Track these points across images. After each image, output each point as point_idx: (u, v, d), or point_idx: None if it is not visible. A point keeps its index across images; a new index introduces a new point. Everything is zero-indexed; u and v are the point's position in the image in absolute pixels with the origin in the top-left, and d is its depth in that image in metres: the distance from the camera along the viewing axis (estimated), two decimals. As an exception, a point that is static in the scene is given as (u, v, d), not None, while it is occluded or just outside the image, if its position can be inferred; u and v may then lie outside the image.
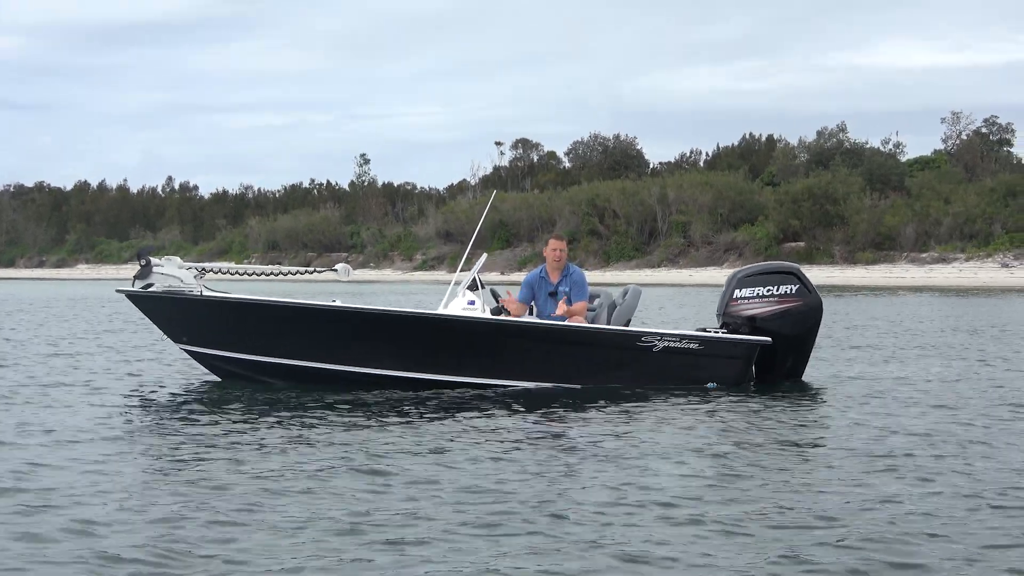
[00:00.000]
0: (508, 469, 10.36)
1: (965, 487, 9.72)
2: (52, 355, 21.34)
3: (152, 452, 11.29)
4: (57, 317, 35.70)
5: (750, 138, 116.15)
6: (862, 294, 56.73)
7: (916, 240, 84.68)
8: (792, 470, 10.43)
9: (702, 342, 15.96)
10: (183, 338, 16.39)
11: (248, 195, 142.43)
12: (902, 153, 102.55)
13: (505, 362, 15.75)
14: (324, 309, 15.71)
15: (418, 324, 15.71)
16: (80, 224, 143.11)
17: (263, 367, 16.03)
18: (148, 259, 15.97)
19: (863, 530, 8.29)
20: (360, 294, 55.02)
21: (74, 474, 10.12)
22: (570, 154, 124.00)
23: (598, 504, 9.04)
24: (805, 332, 16.42)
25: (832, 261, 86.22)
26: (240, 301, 15.79)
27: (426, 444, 11.60)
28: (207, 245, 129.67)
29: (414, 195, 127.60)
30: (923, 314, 36.96)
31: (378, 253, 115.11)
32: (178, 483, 9.79)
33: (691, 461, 10.81)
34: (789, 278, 16.35)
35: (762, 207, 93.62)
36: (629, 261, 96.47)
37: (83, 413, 13.75)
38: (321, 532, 8.17)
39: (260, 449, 11.31)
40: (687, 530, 8.30)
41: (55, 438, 11.93)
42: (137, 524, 8.37)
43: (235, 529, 8.27)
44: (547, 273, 16.45)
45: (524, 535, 8.16)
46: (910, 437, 12.07)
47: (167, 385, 16.65)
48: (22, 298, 54.64)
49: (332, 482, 9.77)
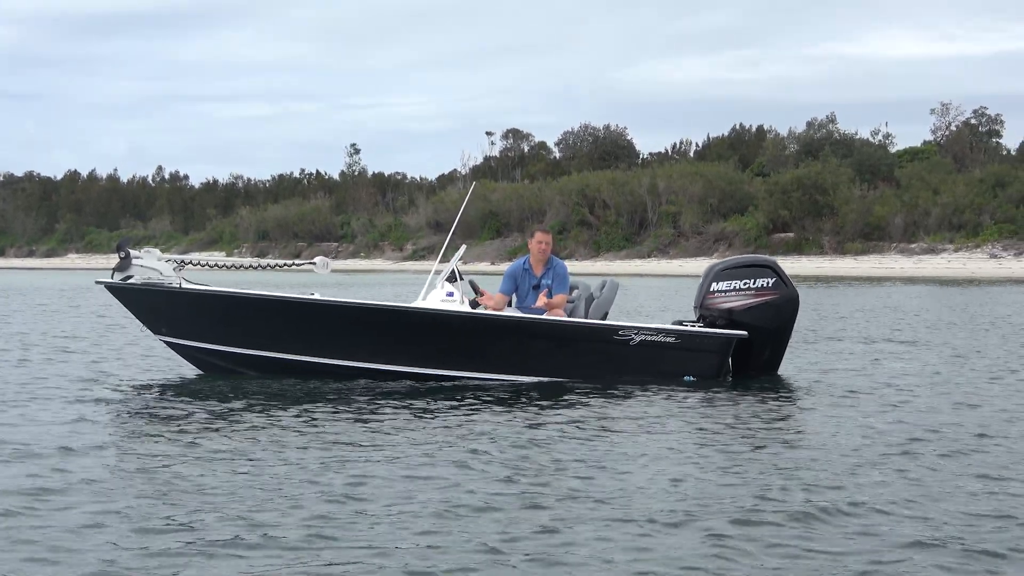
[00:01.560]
0: (480, 463, 10.37)
1: (940, 478, 9.77)
2: (32, 344, 21.36)
3: (127, 442, 11.31)
4: (42, 307, 35.69)
5: (740, 129, 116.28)
6: (851, 284, 56.79)
7: (905, 231, 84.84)
8: (765, 463, 10.45)
9: (679, 336, 15.99)
10: (162, 330, 16.42)
11: (238, 185, 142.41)
12: (891, 144, 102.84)
13: (481, 355, 15.79)
14: (301, 302, 15.75)
15: (395, 317, 15.75)
16: (70, 214, 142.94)
17: (241, 359, 16.07)
18: (127, 251, 16.00)
19: (833, 523, 8.36)
20: (340, 285, 54.97)
21: (48, 469, 10.13)
22: (560, 144, 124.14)
23: (572, 501, 9.03)
24: (782, 325, 16.45)
25: (821, 251, 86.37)
26: (217, 293, 15.84)
27: (398, 437, 11.62)
28: (198, 235, 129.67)
29: (404, 185, 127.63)
30: (908, 305, 37.02)
31: (368, 243, 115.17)
32: (153, 480, 9.81)
33: (666, 456, 10.82)
34: (766, 271, 16.38)
35: (752, 197, 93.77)
36: (619, 251, 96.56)
37: (57, 405, 13.79)
38: (303, 529, 8.16)
39: (231, 439, 11.35)
40: (663, 527, 8.30)
41: (28, 430, 11.97)
42: (112, 525, 8.35)
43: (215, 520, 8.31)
44: (531, 265, 16.49)
45: (495, 532, 8.16)
46: (883, 429, 12.13)
47: (145, 376, 16.67)
48: (9, 286, 54.56)
49: (314, 479, 9.77)
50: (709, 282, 16.40)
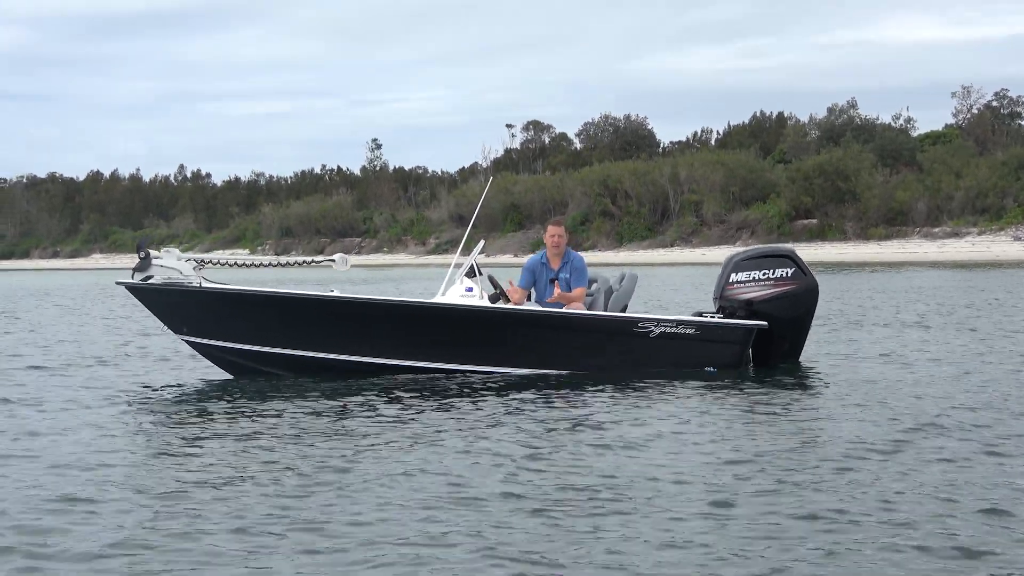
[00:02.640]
0: (502, 457, 10.41)
1: (955, 466, 9.75)
2: (57, 343, 21.45)
3: (152, 440, 11.38)
4: (65, 308, 35.84)
5: (761, 116, 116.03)
6: (875, 270, 56.63)
7: (928, 215, 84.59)
8: (787, 453, 10.45)
9: (698, 327, 15.98)
10: (183, 329, 16.45)
11: (260, 182, 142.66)
12: (913, 128, 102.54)
13: (502, 349, 15.80)
14: (320, 299, 15.76)
15: (416, 312, 15.77)
16: (93, 214, 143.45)
17: (262, 357, 16.09)
18: (147, 251, 16.04)
19: (853, 512, 8.34)
20: (367, 282, 54.99)
21: (74, 469, 10.20)
22: (581, 135, 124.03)
23: (595, 491, 9.07)
24: (801, 315, 16.44)
25: (844, 238, 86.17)
26: (237, 292, 15.87)
27: (422, 433, 11.67)
28: (220, 233, 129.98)
29: (426, 179, 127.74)
30: (930, 289, 36.83)
31: (391, 238, 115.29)
32: (173, 479, 9.86)
33: (689, 448, 10.82)
34: (785, 261, 16.37)
35: (774, 185, 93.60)
36: (642, 241, 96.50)
37: (80, 402, 13.89)
38: (335, 530, 8.17)
39: (251, 439, 11.39)
40: (689, 517, 8.32)
41: (55, 427, 12.10)
42: (142, 523, 8.40)
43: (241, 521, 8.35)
44: (548, 259, 16.50)
45: (521, 523, 8.21)
46: (903, 417, 12.07)
47: (167, 377, 16.74)
48: (35, 288, 54.79)
49: (340, 475, 9.81)
50: (728, 273, 16.39)
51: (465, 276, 16.06)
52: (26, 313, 34.21)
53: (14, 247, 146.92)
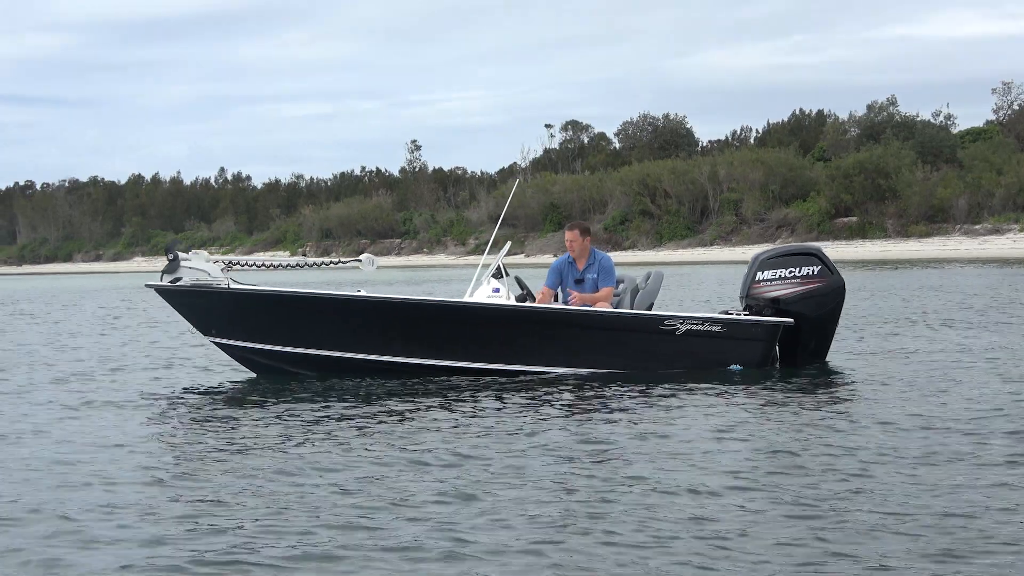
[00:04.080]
0: (533, 455, 10.46)
1: (974, 467, 9.70)
2: (85, 346, 21.62)
3: (174, 444, 11.46)
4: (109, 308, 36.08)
5: (800, 114, 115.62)
6: (916, 267, 56.32)
7: (969, 212, 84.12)
8: (806, 450, 10.44)
9: (724, 324, 15.96)
10: (212, 330, 16.53)
11: (300, 184, 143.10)
12: (953, 125, 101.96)
13: (530, 348, 15.83)
14: (348, 299, 15.82)
15: (443, 312, 15.82)
16: (135, 217, 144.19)
17: (289, 357, 16.16)
18: (175, 253, 16.12)
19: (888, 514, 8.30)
20: (396, 283, 55.04)
21: (103, 464, 10.37)
22: (620, 135, 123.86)
23: (627, 491, 9.09)
24: (828, 313, 16.37)
25: (885, 235, 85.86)
26: (265, 293, 15.94)
27: (451, 431, 11.76)
28: (261, 235, 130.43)
29: (465, 180, 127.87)
30: (968, 286, 36.56)
31: (431, 239, 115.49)
32: (208, 474, 9.92)
33: (717, 447, 10.80)
34: (811, 259, 16.31)
35: (814, 183, 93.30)
36: (681, 240, 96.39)
37: (113, 404, 14.01)
38: (366, 532, 8.18)
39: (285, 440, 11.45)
40: (717, 517, 8.31)
41: (84, 430, 12.27)
42: (162, 524, 8.45)
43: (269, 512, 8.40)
44: (574, 260, 16.53)
45: (556, 520, 8.26)
46: (932, 419, 11.98)
47: (196, 376, 16.84)
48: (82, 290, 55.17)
49: (373, 472, 9.90)
50: (755, 271, 16.35)
51: (492, 277, 16.11)
52: (57, 313, 34.44)
53: (57, 251, 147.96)
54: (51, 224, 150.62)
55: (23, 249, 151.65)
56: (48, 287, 67.57)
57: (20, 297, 51.86)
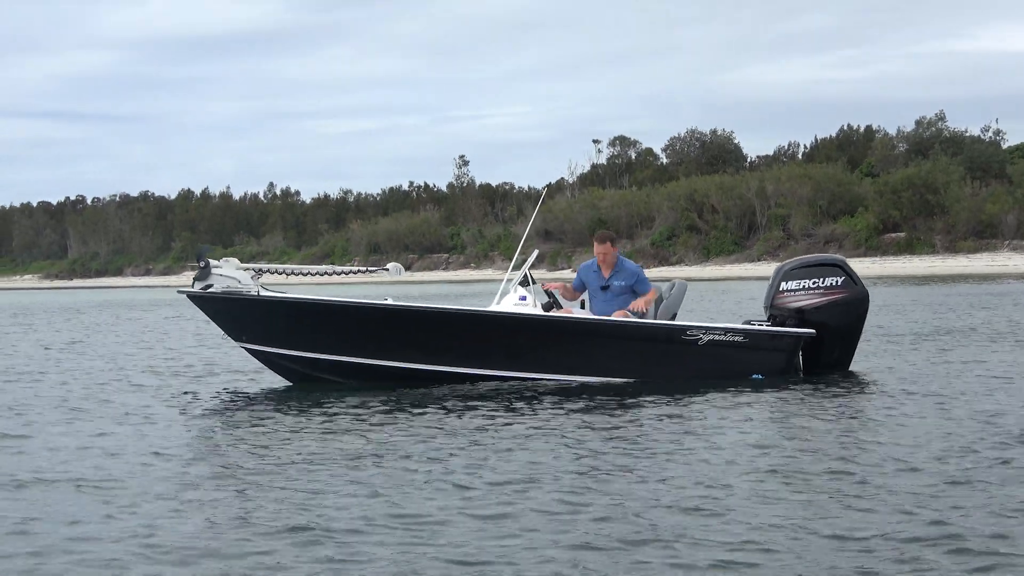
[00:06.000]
0: (557, 464, 10.48)
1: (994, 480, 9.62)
2: (117, 353, 21.87)
3: (213, 444, 11.63)
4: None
5: (848, 129, 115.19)
6: (963, 282, 56.00)
7: (1018, 228, 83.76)
8: (824, 460, 10.48)
9: (746, 335, 16.04)
10: (243, 337, 16.72)
11: (349, 199, 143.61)
12: (1003, 140, 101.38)
13: (554, 357, 15.95)
14: (374, 307, 15.98)
15: (469, 321, 15.95)
16: (185, 232, 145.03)
17: (319, 364, 16.31)
18: (207, 261, 16.31)
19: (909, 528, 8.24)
20: (436, 295, 55.17)
21: (127, 472, 10.48)
22: (667, 150, 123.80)
23: (650, 500, 9.09)
24: (852, 323, 16.41)
25: (933, 251, 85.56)
26: (294, 300, 16.13)
27: (476, 436, 11.88)
28: (310, 250, 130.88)
29: (512, 195, 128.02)
30: (1007, 302, 36.35)
31: (479, 253, 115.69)
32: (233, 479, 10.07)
33: (740, 458, 10.81)
34: (835, 270, 16.37)
35: (861, 198, 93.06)
36: (729, 255, 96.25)
37: (139, 409, 14.22)
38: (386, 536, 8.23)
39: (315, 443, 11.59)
40: (743, 527, 8.27)
41: (116, 434, 12.50)
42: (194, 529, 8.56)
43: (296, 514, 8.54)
44: (599, 267, 16.66)
45: (575, 527, 8.28)
46: (948, 433, 11.87)
47: (229, 383, 17.04)
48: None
49: (399, 481, 9.93)
50: (779, 282, 16.42)
51: (519, 285, 16.23)
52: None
53: (107, 265, 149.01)
54: (102, 239, 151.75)
55: (74, 263, 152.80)
56: (100, 299, 68.08)
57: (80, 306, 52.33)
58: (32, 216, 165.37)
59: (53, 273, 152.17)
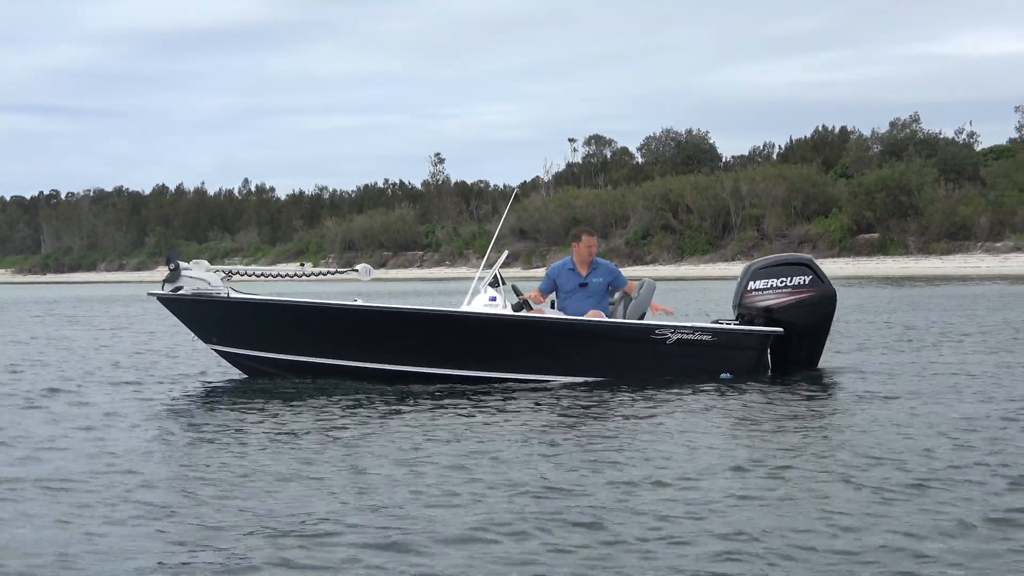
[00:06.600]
0: (520, 465, 10.43)
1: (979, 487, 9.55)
2: (93, 350, 21.83)
3: (179, 449, 11.62)
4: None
5: (823, 130, 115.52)
6: (935, 284, 56.18)
7: (991, 230, 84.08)
8: (791, 455, 10.51)
9: (715, 334, 16.09)
10: (212, 338, 16.71)
11: (324, 196, 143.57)
12: (976, 143, 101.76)
13: (522, 357, 15.96)
14: (345, 308, 15.98)
15: (438, 321, 15.95)
16: (159, 227, 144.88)
17: (288, 365, 16.32)
18: (177, 263, 16.32)
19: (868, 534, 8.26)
20: (419, 294, 55.14)
21: (101, 464, 10.52)
22: (643, 150, 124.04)
23: (611, 500, 9.05)
24: (819, 322, 16.48)
25: (907, 252, 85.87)
26: (263, 302, 16.12)
27: (444, 438, 11.79)
28: (285, 246, 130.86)
29: (488, 193, 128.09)
30: (978, 303, 36.50)
31: (453, 251, 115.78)
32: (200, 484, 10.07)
33: (702, 451, 10.90)
34: (802, 269, 16.44)
35: (836, 199, 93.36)
36: (703, 255, 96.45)
37: (111, 410, 14.22)
38: (359, 534, 8.19)
39: (284, 443, 11.60)
40: (704, 529, 8.21)
41: (89, 432, 12.51)
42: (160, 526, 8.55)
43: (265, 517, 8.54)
44: (575, 265, 16.68)
45: (536, 531, 8.17)
46: (913, 430, 11.95)
47: (198, 383, 17.01)
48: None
49: (369, 479, 9.92)
50: (747, 281, 16.48)
51: (489, 286, 16.25)
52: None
53: (81, 260, 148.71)
54: (75, 233, 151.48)
55: (47, 258, 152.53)
56: (74, 295, 67.93)
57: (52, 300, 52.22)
58: (5, 210, 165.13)
59: (26, 268, 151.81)
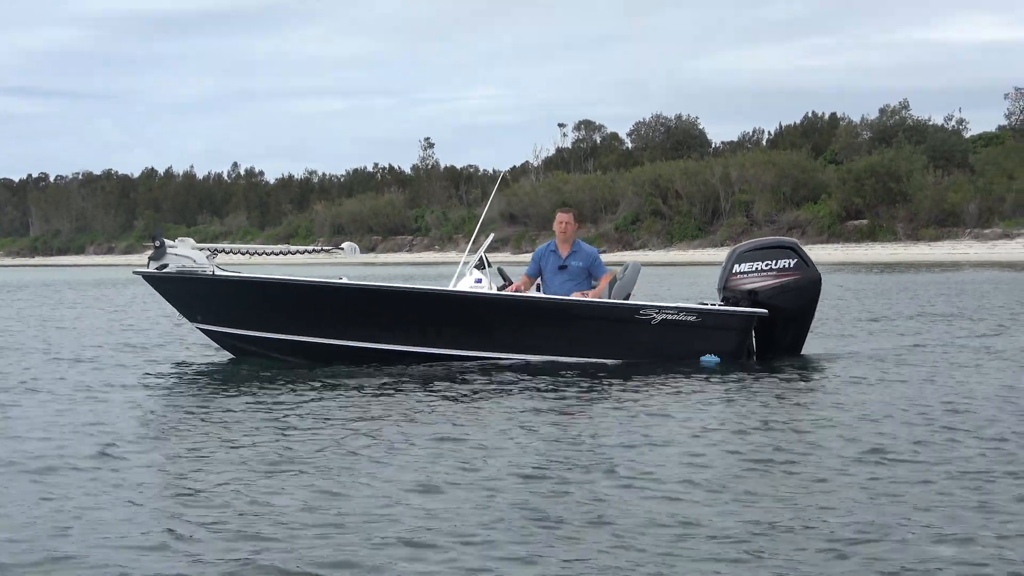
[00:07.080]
0: (504, 446, 10.41)
1: (961, 470, 9.52)
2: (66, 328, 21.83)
3: (163, 428, 11.61)
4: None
5: (812, 116, 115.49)
6: (922, 271, 56.22)
7: (980, 216, 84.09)
8: (776, 439, 10.56)
9: (699, 314, 16.10)
10: (197, 317, 16.71)
11: (313, 180, 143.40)
12: (965, 130, 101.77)
13: (506, 336, 15.97)
14: (331, 286, 15.99)
15: (422, 300, 15.97)
16: (148, 211, 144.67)
17: (274, 344, 16.31)
18: (162, 240, 16.30)
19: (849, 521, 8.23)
20: (413, 278, 55.17)
21: (87, 446, 10.50)
22: (632, 135, 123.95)
23: (594, 483, 9.01)
24: (804, 306, 16.48)
25: (895, 238, 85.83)
26: (249, 280, 16.10)
27: (426, 419, 11.77)
28: (274, 230, 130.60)
29: (477, 178, 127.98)
30: (967, 289, 36.52)
31: (443, 236, 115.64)
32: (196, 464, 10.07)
33: (684, 432, 10.91)
34: (787, 252, 16.44)
35: (825, 185, 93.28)
36: (692, 241, 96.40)
37: (94, 390, 14.22)
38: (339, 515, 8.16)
39: (272, 425, 11.60)
40: (683, 513, 8.14)
41: (69, 411, 12.50)
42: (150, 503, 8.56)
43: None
44: (556, 246, 16.67)
45: (518, 516, 8.09)
46: (896, 416, 11.93)
47: (181, 361, 17.00)
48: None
49: (356, 461, 9.87)
50: (732, 264, 16.49)
51: (475, 268, 16.28)
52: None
53: (69, 243, 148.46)
54: (64, 216, 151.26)
55: (36, 241, 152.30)
56: (61, 277, 67.84)
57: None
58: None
59: (14, 251, 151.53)
